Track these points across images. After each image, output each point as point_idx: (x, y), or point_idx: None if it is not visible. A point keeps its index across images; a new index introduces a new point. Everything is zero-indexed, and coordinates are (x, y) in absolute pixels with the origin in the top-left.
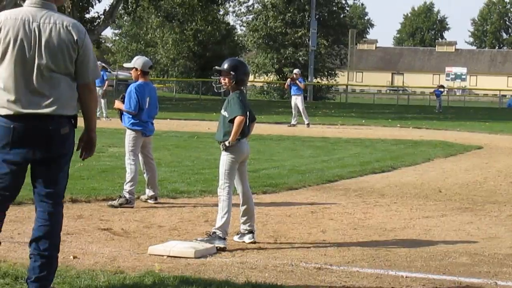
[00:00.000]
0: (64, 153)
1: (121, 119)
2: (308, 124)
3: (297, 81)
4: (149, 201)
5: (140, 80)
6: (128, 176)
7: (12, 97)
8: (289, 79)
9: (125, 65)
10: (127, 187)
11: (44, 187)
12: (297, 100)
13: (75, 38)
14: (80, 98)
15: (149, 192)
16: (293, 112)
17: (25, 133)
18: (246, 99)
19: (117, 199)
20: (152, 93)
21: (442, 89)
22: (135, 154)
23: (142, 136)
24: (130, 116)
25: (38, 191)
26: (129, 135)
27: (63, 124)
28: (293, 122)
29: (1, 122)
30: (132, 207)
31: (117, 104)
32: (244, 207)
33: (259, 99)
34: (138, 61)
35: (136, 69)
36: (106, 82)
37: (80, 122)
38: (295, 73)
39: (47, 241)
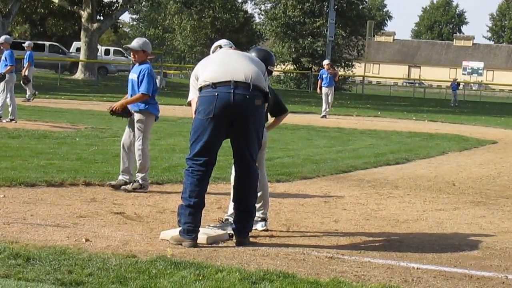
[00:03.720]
0: None
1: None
2: (325, 116)
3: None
4: (124, 186)
5: (147, 62)
6: (141, 163)
7: None
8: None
9: (130, 46)
10: (140, 174)
11: None
12: (328, 91)
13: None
14: None
15: (122, 177)
16: (324, 104)
17: None
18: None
19: (131, 184)
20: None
21: (458, 81)
22: (148, 139)
23: (154, 120)
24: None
25: None
26: (145, 118)
27: None
28: (324, 113)
29: None
30: (145, 192)
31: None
32: (259, 194)
33: (275, 88)
34: (145, 43)
35: (144, 51)
36: (28, 63)
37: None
38: (326, 64)
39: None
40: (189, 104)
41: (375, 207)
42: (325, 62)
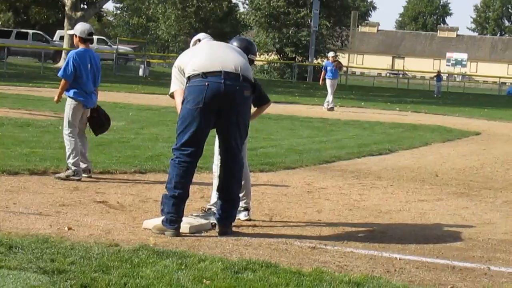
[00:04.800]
0: None
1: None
2: (332, 108)
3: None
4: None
5: (81, 47)
6: (68, 149)
7: None
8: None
9: (68, 32)
10: (70, 160)
11: None
12: (333, 83)
13: None
14: None
15: (81, 165)
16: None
17: None
18: None
19: (64, 171)
20: (94, 61)
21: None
22: (74, 126)
23: (83, 108)
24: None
25: None
26: (70, 105)
27: None
28: (331, 105)
29: None
30: (79, 179)
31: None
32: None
33: (259, 78)
34: (76, 27)
35: (76, 36)
36: None
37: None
38: (332, 57)
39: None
40: (172, 96)
41: (358, 197)
42: (331, 54)
